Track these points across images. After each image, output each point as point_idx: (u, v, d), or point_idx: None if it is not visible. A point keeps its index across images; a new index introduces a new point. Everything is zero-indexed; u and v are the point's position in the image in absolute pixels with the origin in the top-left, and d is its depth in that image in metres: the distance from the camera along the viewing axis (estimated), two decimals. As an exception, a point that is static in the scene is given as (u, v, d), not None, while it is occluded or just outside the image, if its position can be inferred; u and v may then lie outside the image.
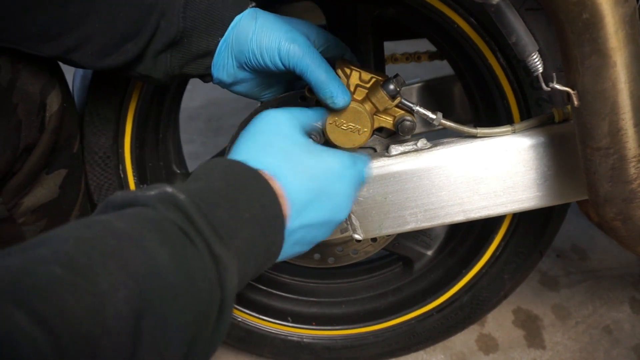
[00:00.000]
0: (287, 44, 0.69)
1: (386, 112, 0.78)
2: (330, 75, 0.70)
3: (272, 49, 0.69)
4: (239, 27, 0.71)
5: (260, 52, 0.70)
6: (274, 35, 0.70)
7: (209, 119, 1.96)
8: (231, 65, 0.73)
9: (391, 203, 0.82)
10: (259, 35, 0.70)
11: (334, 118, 0.74)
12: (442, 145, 0.81)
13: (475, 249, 1.02)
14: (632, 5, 0.60)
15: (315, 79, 0.70)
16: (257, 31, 0.70)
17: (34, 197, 0.74)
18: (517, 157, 0.79)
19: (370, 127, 0.75)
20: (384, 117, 0.78)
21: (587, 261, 1.40)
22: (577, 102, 0.65)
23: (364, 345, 1.09)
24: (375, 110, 0.76)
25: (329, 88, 0.70)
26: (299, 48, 0.69)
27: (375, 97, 0.75)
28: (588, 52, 0.61)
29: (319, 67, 0.70)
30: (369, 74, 0.77)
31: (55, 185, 0.77)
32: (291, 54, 0.69)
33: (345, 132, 0.75)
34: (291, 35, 0.70)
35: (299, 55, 0.69)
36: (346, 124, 0.75)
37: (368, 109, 0.75)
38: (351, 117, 0.74)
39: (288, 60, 0.69)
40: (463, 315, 1.06)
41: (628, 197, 0.70)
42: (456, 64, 0.95)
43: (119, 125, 0.89)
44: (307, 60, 0.69)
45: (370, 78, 0.77)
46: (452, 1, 0.78)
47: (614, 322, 1.24)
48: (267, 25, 0.70)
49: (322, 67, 0.70)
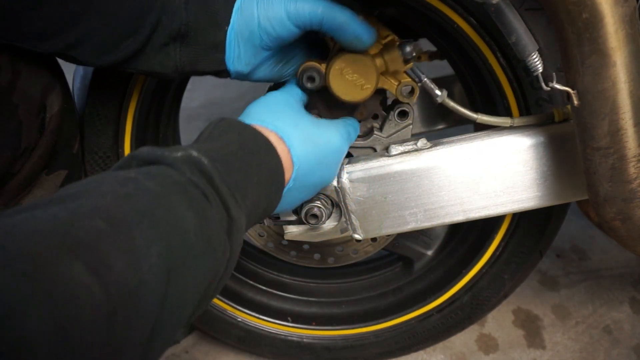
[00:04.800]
0: (292, 4, 0.67)
1: (393, 74, 0.75)
2: (348, 15, 0.67)
3: (280, 16, 0.68)
4: (242, 10, 0.69)
5: (270, 24, 0.68)
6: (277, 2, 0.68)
7: (209, 119, 1.96)
8: (245, 53, 0.72)
9: (391, 203, 0.82)
10: (263, 9, 0.68)
11: (341, 64, 0.72)
12: (442, 145, 0.81)
13: (475, 249, 1.02)
14: (631, 5, 0.60)
15: (335, 25, 0.67)
16: (259, 7, 0.69)
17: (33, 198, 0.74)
18: (517, 157, 0.79)
19: (374, 85, 0.73)
20: (390, 79, 0.75)
21: (587, 261, 1.40)
22: (577, 101, 0.65)
23: (364, 345, 1.09)
24: (384, 69, 0.73)
25: (352, 28, 0.68)
26: (305, 2, 0.67)
27: (390, 55, 0.72)
28: (588, 51, 0.61)
29: (334, 11, 0.67)
30: (386, 30, 0.74)
31: (55, 186, 0.76)
32: (300, 13, 0.67)
33: (349, 82, 0.72)
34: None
35: (308, 10, 0.67)
36: (351, 75, 0.72)
37: (378, 65, 0.73)
38: (359, 69, 0.71)
39: (300, 20, 0.68)
40: (463, 315, 1.06)
41: (628, 197, 0.70)
42: (456, 63, 0.95)
43: (119, 125, 0.89)
44: (318, 11, 0.67)
45: (388, 35, 0.74)
46: (452, 1, 0.78)
47: (614, 322, 1.24)
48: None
49: (337, 10, 0.67)
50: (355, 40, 0.69)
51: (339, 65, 0.72)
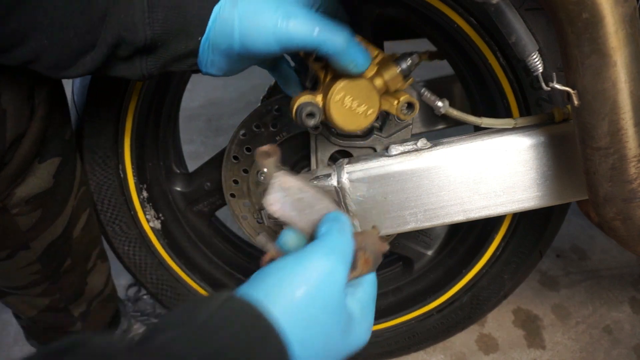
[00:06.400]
0: (283, 22, 0.58)
1: (393, 93, 0.70)
2: (347, 36, 0.60)
3: (266, 36, 0.58)
4: (219, 20, 0.60)
5: (252, 42, 0.59)
6: (263, 19, 0.58)
7: (209, 119, 1.96)
8: (219, 61, 0.63)
9: (391, 203, 0.82)
10: (244, 26, 0.59)
11: (340, 94, 0.65)
12: (442, 145, 0.80)
13: (475, 249, 1.02)
14: (632, 5, 0.60)
15: (333, 49, 0.59)
16: (241, 20, 0.59)
17: (27, 187, 0.72)
18: (517, 157, 0.79)
19: (377, 109, 0.68)
20: (389, 99, 0.70)
21: (587, 261, 1.40)
22: (577, 101, 0.65)
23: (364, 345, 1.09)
24: (385, 89, 0.68)
25: (349, 53, 0.60)
26: (298, 22, 0.58)
27: (389, 74, 0.67)
28: (588, 51, 0.61)
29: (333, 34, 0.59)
30: (374, 48, 0.69)
31: (49, 174, 0.75)
32: (293, 35, 0.58)
33: (351, 112, 0.67)
34: (284, 10, 0.58)
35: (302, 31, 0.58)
36: (353, 103, 0.66)
37: (378, 87, 0.67)
38: (360, 94, 0.66)
39: (291, 42, 0.59)
40: (463, 315, 1.06)
41: (628, 197, 0.70)
42: (456, 63, 0.95)
43: (119, 125, 0.89)
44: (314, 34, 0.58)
45: (377, 53, 0.69)
46: (452, 1, 0.78)
47: (614, 322, 1.24)
48: (251, 8, 0.59)
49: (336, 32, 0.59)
50: (350, 65, 0.62)
51: (338, 96, 0.66)
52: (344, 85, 0.66)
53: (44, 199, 0.75)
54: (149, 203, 0.99)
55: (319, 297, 0.48)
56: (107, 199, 0.94)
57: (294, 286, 0.47)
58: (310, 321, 0.47)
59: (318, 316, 0.48)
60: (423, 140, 0.81)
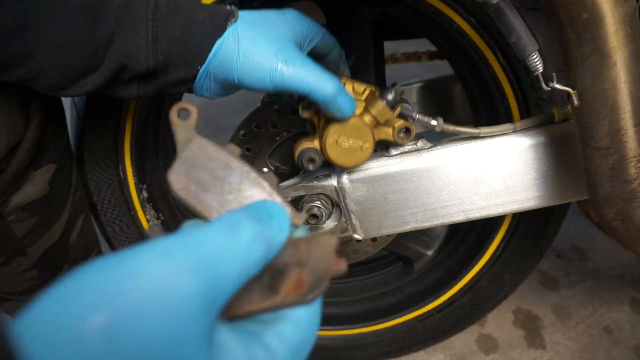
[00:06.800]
0: (281, 68, 0.62)
1: (386, 123, 0.75)
2: (335, 86, 0.65)
3: (263, 77, 0.63)
4: (220, 53, 0.63)
5: (249, 80, 0.64)
6: (262, 60, 0.62)
7: (208, 118, 1.96)
8: (215, 88, 0.68)
9: (391, 203, 0.82)
10: (245, 63, 0.63)
11: (334, 137, 0.71)
12: (442, 145, 0.80)
13: (475, 249, 1.02)
14: (632, 5, 0.60)
15: (322, 97, 0.65)
16: (242, 58, 0.63)
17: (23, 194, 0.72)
18: (517, 157, 0.79)
19: (373, 142, 0.73)
20: (384, 128, 0.75)
21: (587, 261, 1.40)
22: (577, 101, 0.65)
23: (364, 345, 1.09)
24: (375, 122, 0.73)
25: (336, 102, 0.65)
26: (294, 70, 0.63)
27: (376, 108, 0.71)
28: (588, 51, 0.61)
29: (323, 83, 0.64)
30: (361, 84, 0.74)
31: (44, 181, 0.75)
32: (287, 79, 0.63)
33: (347, 150, 0.72)
34: (283, 56, 0.63)
35: (296, 78, 0.63)
36: (347, 142, 0.72)
37: (368, 122, 0.72)
38: (353, 133, 0.71)
39: (284, 86, 0.63)
40: (463, 315, 1.06)
41: (628, 197, 0.70)
42: (456, 63, 0.95)
43: (119, 125, 0.89)
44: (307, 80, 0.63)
45: (365, 89, 0.74)
46: (452, 1, 0.78)
47: (614, 322, 1.24)
48: (253, 48, 0.63)
49: (326, 82, 0.64)
50: (337, 112, 0.67)
51: (332, 139, 0.71)
52: (336, 128, 0.71)
53: (40, 206, 0.76)
54: (149, 203, 0.99)
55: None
56: (107, 199, 0.94)
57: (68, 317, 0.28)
58: None
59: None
60: (423, 140, 0.81)
